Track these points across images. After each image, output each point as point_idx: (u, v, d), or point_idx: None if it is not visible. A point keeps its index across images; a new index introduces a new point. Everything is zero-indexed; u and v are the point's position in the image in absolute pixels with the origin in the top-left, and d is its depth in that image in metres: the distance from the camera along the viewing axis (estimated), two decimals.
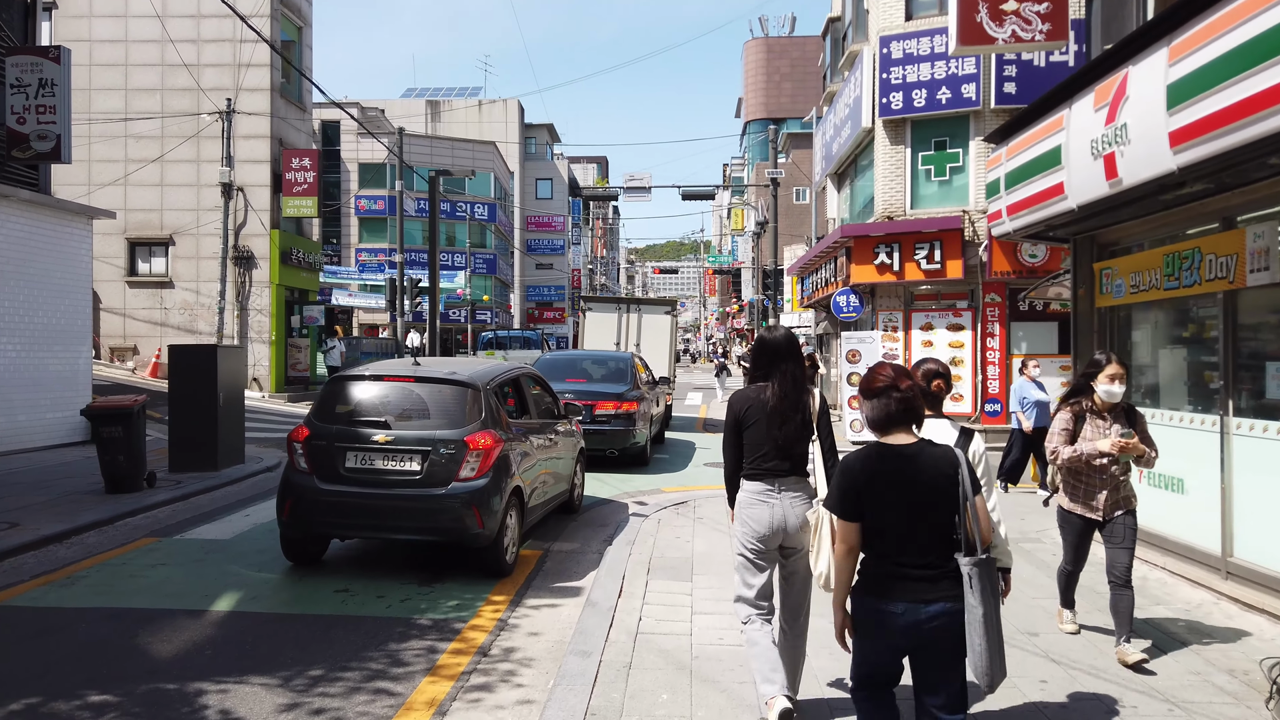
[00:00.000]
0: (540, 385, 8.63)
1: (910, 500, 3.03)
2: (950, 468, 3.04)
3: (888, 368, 3.22)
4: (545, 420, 8.21)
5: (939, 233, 16.12)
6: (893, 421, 3.10)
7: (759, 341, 4.16)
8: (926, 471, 3.03)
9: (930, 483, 3.02)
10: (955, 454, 3.09)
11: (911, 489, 3.02)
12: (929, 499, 3.03)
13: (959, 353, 16.50)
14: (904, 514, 3.03)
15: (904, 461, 3.05)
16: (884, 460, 3.07)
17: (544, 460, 7.77)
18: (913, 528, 3.03)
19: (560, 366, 13.01)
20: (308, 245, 23.56)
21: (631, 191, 30.15)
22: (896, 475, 3.04)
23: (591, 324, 18.06)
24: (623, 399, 11.80)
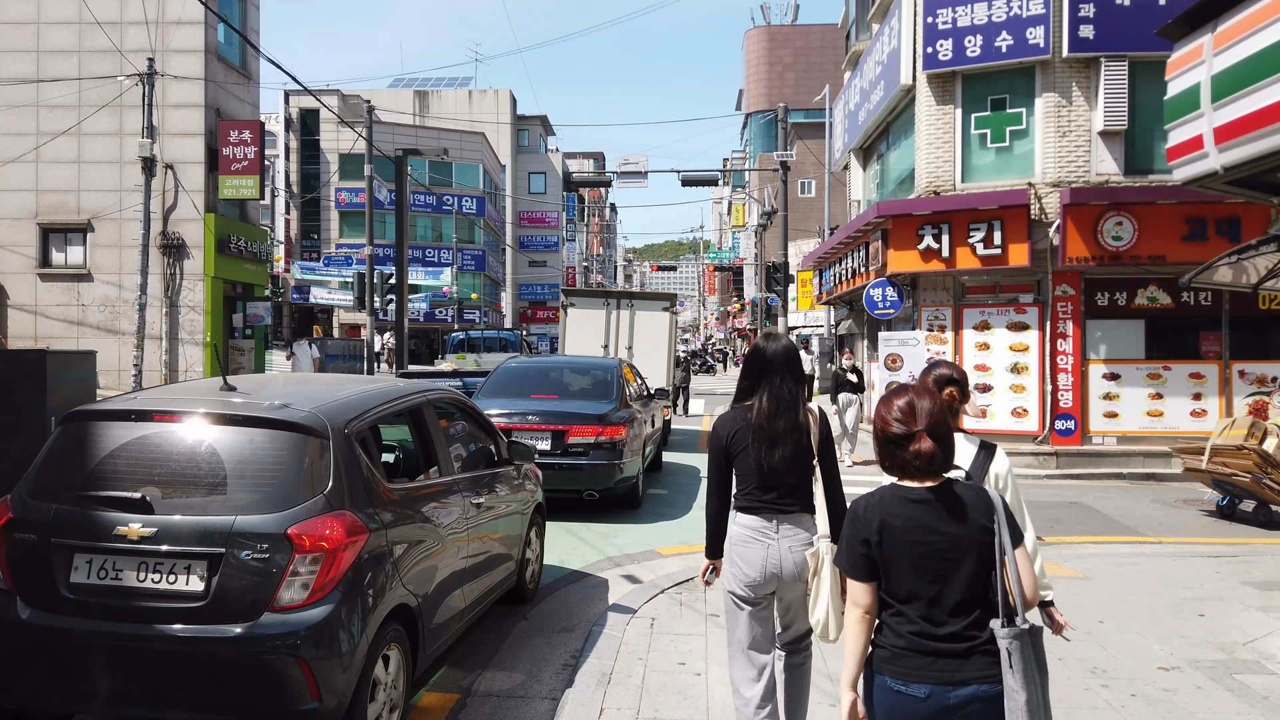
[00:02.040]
0: (468, 417, 5.62)
1: (933, 556, 2.44)
2: (984, 515, 2.47)
3: (908, 402, 2.53)
4: (471, 474, 5.19)
5: (999, 210, 13.10)
6: (910, 475, 2.53)
7: (752, 351, 3.61)
8: (954, 521, 2.46)
9: (959, 534, 2.45)
10: (990, 497, 2.51)
11: (935, 543, 2.44)
12: (957, 555, 2.44)
13: (1022, 357, 13.48)
14: (926, 573, 2.44)
15: (925, 509, 2.47)
16: (899, 506, 2.49)
17: (464, 543, 4.76)
18: (937, 590, 2.44)
19: (524, 379, 9.99)
20: (252, 232, 20.51)
21: (626, 177, 27.16)
22: (915, 526, 2.46)
23: (574, 323, 15.05)
24: (605, 422, 8.79)
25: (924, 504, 2.50)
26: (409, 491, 4.31)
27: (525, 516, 5.93)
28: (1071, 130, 13.16)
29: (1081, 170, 13.15)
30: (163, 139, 18.67)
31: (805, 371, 3.81)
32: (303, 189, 53.50)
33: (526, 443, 5.90)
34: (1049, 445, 13.27)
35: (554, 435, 8.67)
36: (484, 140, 56.78)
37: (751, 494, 3.49)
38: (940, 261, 13.46)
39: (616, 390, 9.54)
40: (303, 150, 54.22)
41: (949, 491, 2.52)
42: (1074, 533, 9.14)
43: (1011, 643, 2.40)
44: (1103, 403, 13.27)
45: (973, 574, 2.47)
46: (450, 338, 23.10)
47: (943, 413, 2.56)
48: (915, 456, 2.50)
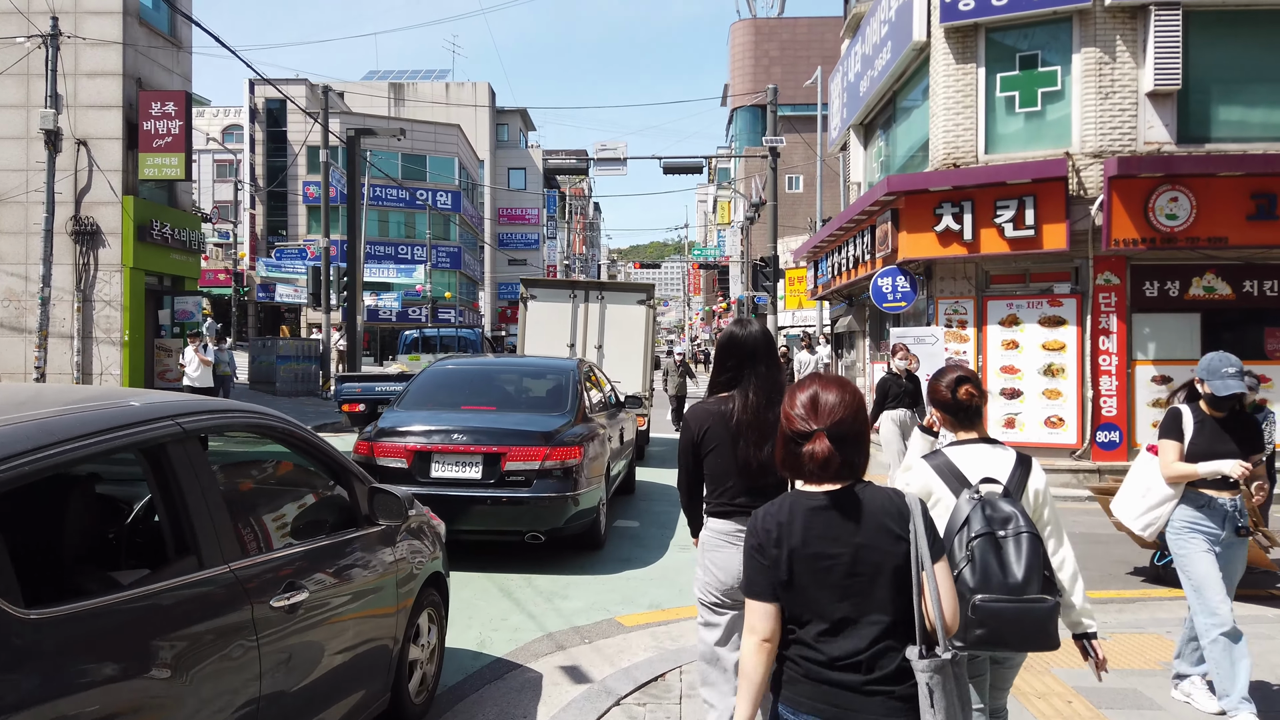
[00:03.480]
0: (300, 453, 3.53)
1: (838, 571, 2.08)
2: (897, 522, 2.10)
3: (811, 398, 2.19)
4: (284, 554, 3.13)
5: (1031, 184, 11.13)
6: (809, 478, 2.17)
7: (726, 338, 3.34)
8: (859, 530, 2.10)
9: (866, 546, 2.08)
10: (904, 501, 2.14)
11: (839, 556, 2.08)
12: (866, 570, 2.08)
13: (1058, 357, 11.52)
14: (830, 592, 2.08)
15: (826, 516, 2.12)
16: (802, 517, 2.12)
17: (249, 682, 2.68)
18: (844, 613, 2.07)
19: (454, 385, 7.89)
20: (181, 219, 18.31)
21: (604, 164, 25.14)
22: (815, 537, 2.10)
23: (535, 319, 12.98)
24: (555, 441, 6.73)
25: (824, 511, 2.12)
26: (99, 614, 2.24)
27: (404, 599, 3.86)
28: (1115, 91, 11.22)
29: (1127, 138, 11.21)
30: (74, 112, 16.47)
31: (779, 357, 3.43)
32: (268, 182, 51.12)
33: (399, 492, 3.79)
34: (1089, 461, 11.32)
35: (486, 460, 6.61)
36: (459, 133, 54.59)
37: (725, 496, 3.22)
38: (961, 245, 11.49)
39: (572, 399, 7.48)
40: (269, 143, 51.86)
41: (852, 496, 2.12)
42: (1154, 580, 7.17)
43: (932, 677, 2.02)
44: (1152, 410, 11.32)
45: (890, 591, 2.07)
46: (403, 336, 20.94)
47: (853, 411, 2.16)
48: (810, 459, 2.13)
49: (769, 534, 2.13)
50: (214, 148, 56.13)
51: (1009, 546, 2.60)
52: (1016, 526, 2.62)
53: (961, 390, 2.99)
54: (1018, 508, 2.69)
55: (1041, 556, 2.63)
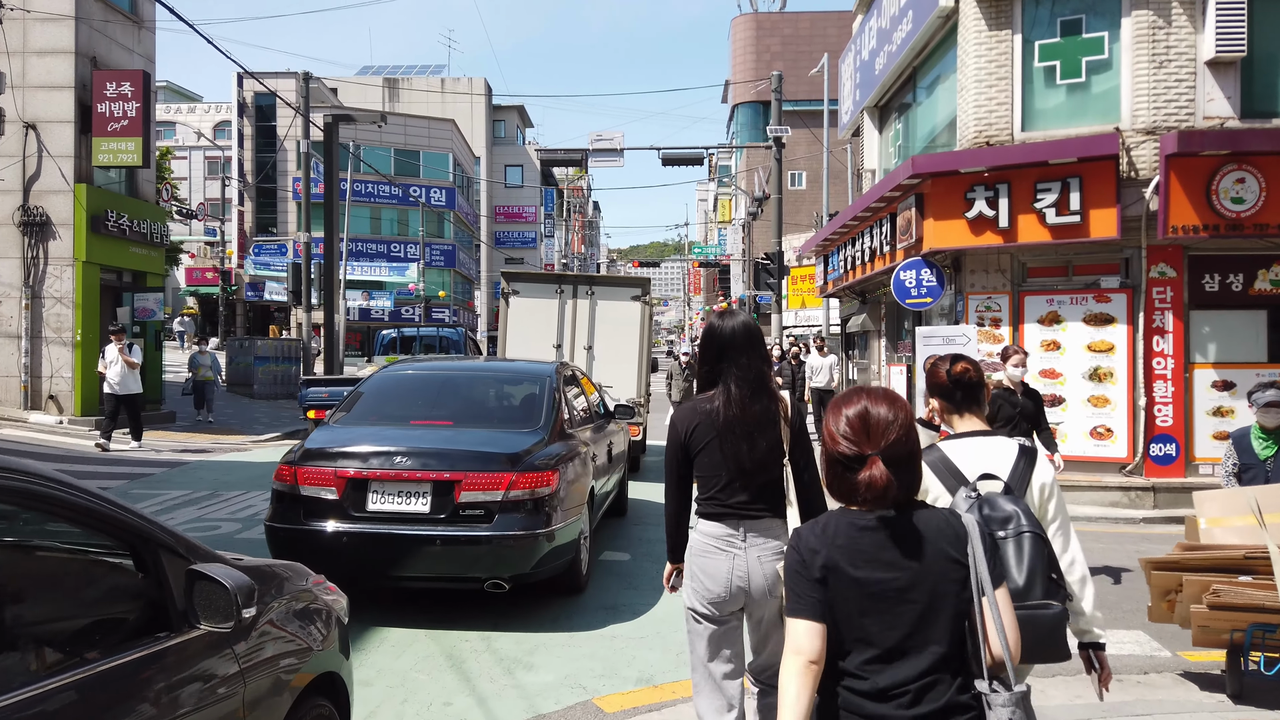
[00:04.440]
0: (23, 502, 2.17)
1: (890, 598, 1.91)
2: (954, 545, 1.94)
3: (861, 415, 1.98)
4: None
5: (1077, 164, 9.83)
6: (860, 501, 1.98)
7: (705, 331, 3.20)
8: (915, 553, 1.92)
9: (922, 570, 1.91)
10: (962, 524, 1.97)
11: (891, 581, 1.91)
12: (921, 596, 1.91)
13: (1106, 360, 10.22)
14: (881, 620, 1.91)
15: (877, 538, 1.93)
16: (850, 538, 1.95)
17: None
18: (897, 640, 1.90)
19: (406, 394, 6.56)
20: (141, 209, 16.98)
21: (600, 155, 23.85)
22: (866, 560, 1.92)
23: (518, 316, 11.66)
24: (523, 465, 5.42)
25: (875, 533, 1.95)
26: None
27: None
28: (1170, 60, 9.92)
29: (1184, 112, 9.91)
30: (22, 93, 15.16)
31: (767, 350, 3.17)
32: (258, 178, 49.81)
33: (218, 576, 2.42)
34: (1142, 477, 10.01)
35: (435, 489, 5.30)
36: (454, 128, 53.30)
37: (715, 497, 3.04)
38: (996, 233, 10.19)
39: (547, 411, 6.16)
40: (259, 138, 50.53)
41: (907, 517, 1.96)
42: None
43: (1014, 712, 1.86)
44: (1212, 420, 10.03)
45: (945, 620, 1.92)
46: (379, 336, 19.56)
47: (906, 429, 1.97)
48: (865, 487, 1.93)
49: (815, 554, 1.96)
50: (205, 144, 54.80)
51: (1008, 549, 2.36)
52: (1017, 526, 2.37)
53: (957, 366, 2.81)
54: (1019, 505, 2.41)
55: (1046, 558, 2.38)
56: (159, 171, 44.08)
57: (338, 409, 6.24)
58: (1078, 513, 9.70)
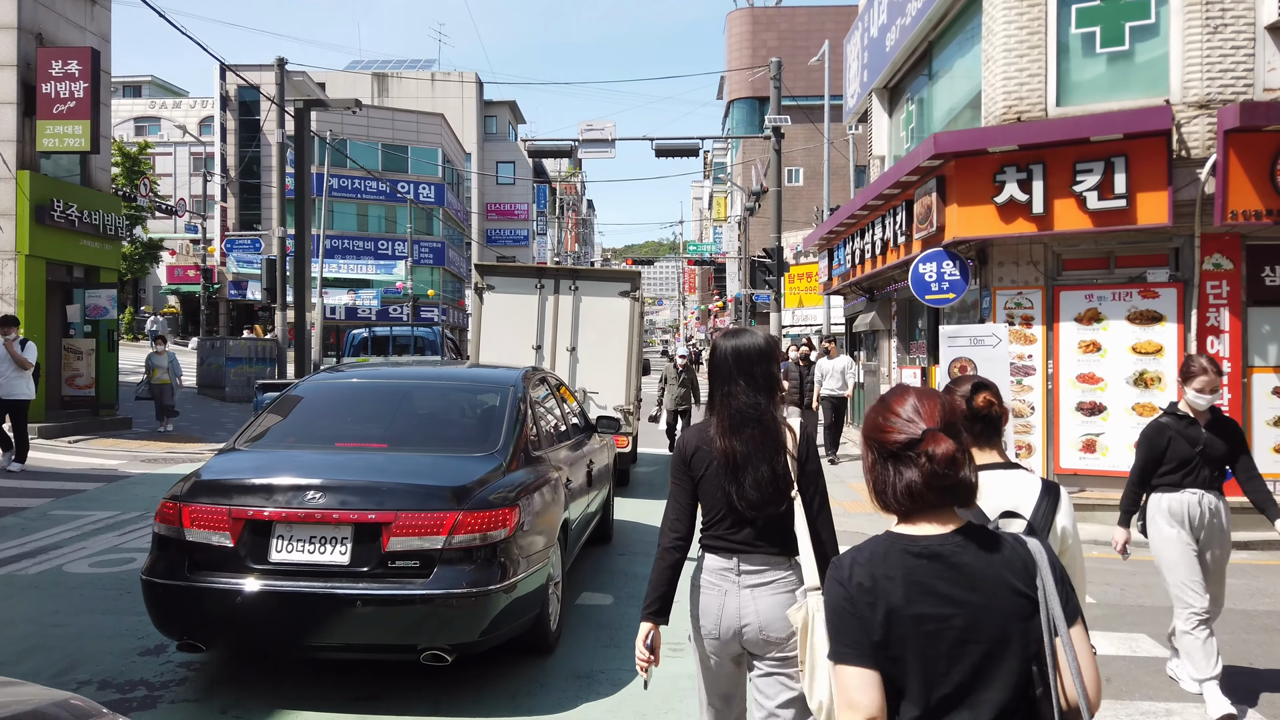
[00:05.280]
0: None
1: (948, 638, 1.66)
2: (1022, 577, 1.70)
3: (910, 400, 1.80)
4: None
5: (1123, 142, 8.69)
6: (919, 503, 1.74)
7: (710, 351, 2.98)
8: (979, 585, 1.68)
9: (985, 606, 1.67)
10: (1031, 550, 1.74)
11: (951, 619, 1.66)
12: (984, 636, 1.66)
13: (1153, 364, 9.08)
14: (937, 663, 1.66)
15: (935, 567, 1.69)
16: (897, 565, 1.71)
17: None
18: (953, 688, 1.65)
19: (335, 408, 5.36)
20: (93, 199, 15.75)
21: (590, 145, 22.69)
22: (921, 594, 1.68)
23: (494, 313, 10.48)
24: (471, 501, 4.25)
25: (934, 560, 1.69)
26: None
27: None
28: (1226, 24, 8.78)
29: (1242, 83, 8.77)
30: None
31: (775, 372, 2.91)
32: (243, 174, 48.56)
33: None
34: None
35: (358, 533, 4.13)
36: (443, 122, 52.05)
37: (716, 530, 2.84)
38: (1028, 220, 9.04)
39: (508, 430, 4.97)
40: (242, 132, 49.27)
41: (969, 541, 1.71)
42: None
43: None
44: (1273, 431, 8.91)
45: (1010, 664, 1.66)
46: (350, 336, 18.31)
47: (956, 415, 1.79)
48: (932, 462, 1.69)
49: (862, 587, 1.71)
50: (190, 140, 53.50)
51: None
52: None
53: (979, 398, 2.62)
54: (1047, 547, 1.95)
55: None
56: (139, 166, 43.08)
57: (247, 427, 5.06)
58: None
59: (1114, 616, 6.12)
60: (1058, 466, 9.36)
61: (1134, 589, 6.85)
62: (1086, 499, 9.11)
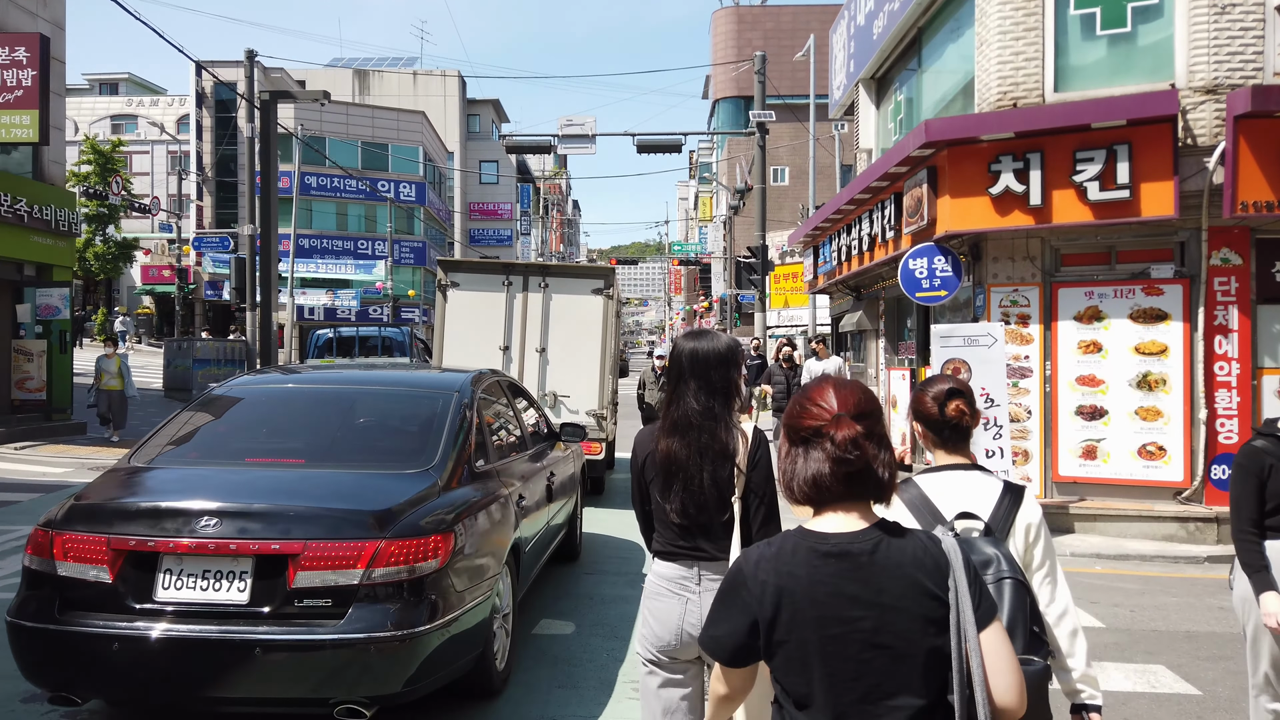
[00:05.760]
0: None
1: (855, 643, 1.60)
2: (933, 578, 1.62)
3: (828, 390, 1.76)
4: None
5: (1126, 129, 8.16)
6: (824, 493, 1.69)
7: (671, 349, 2.89)
8: (887, 587, 1.61)
9: (894, 609, 1.60)
10: (943, 549, 1.67)
11: (858, 622, 1.60)
12: (892, 641, 1.60)
13: (1157, 365, 8.55)
14: (843, 669, 1.61)
15: (843, 567, 1.63)
16: (804, 564, 1.65)
17: None
18: (858, 697, 1.60)
19: (247, 419, 4.70)
20: (44, 193, 15.02)
21: (571, 140, 22.13)
22: (827, 595, 1.62)
23: (458, 311, 9.84)
24: (396, 526, 3.64)
25: (842, 559, 1.62)
26: None
27: None
28: (1235, 4, 8.27)
29: (1251, 66, 8.26)
30: None
31: (734, 378, 2.81)
32: (219, 172, 47.61)
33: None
34: (1202, 505, 8.35)
35: (259, 566, 3.51)
36: (424, 120, 51.34)
37: (666, 535, 2.79)
38: (1025, 213, 8.50)
39: (447, 441, 4.35)
40: (218, 130, 48.31)
41: (880, 540, 1.64)
42: None
43: None
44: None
45: (921, 669, 1.59)
46: (314, 336, 17.58)
47: (875, 410, 1.73)
48: (834, 445, 1.65)
49: (765, 585, 1.66)
50: (167, 139, 52.49)
51: None
52: (997, 571, 2.11)
53: (951, 406, 2.47)
54: (1000, 550, 2.16)
55: (1028, 608, 2.12)
56: (112, 164, 42.14)
57: (148, 439, 4.42)
58: (1127, 549, 8.04)
59: (1126, 644, 5.56)
60: (1056, 474, 8.82)
61: (1144, 611, 6.30)
62: (1087, 509, 8.58)
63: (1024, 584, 2.15)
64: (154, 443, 4.37)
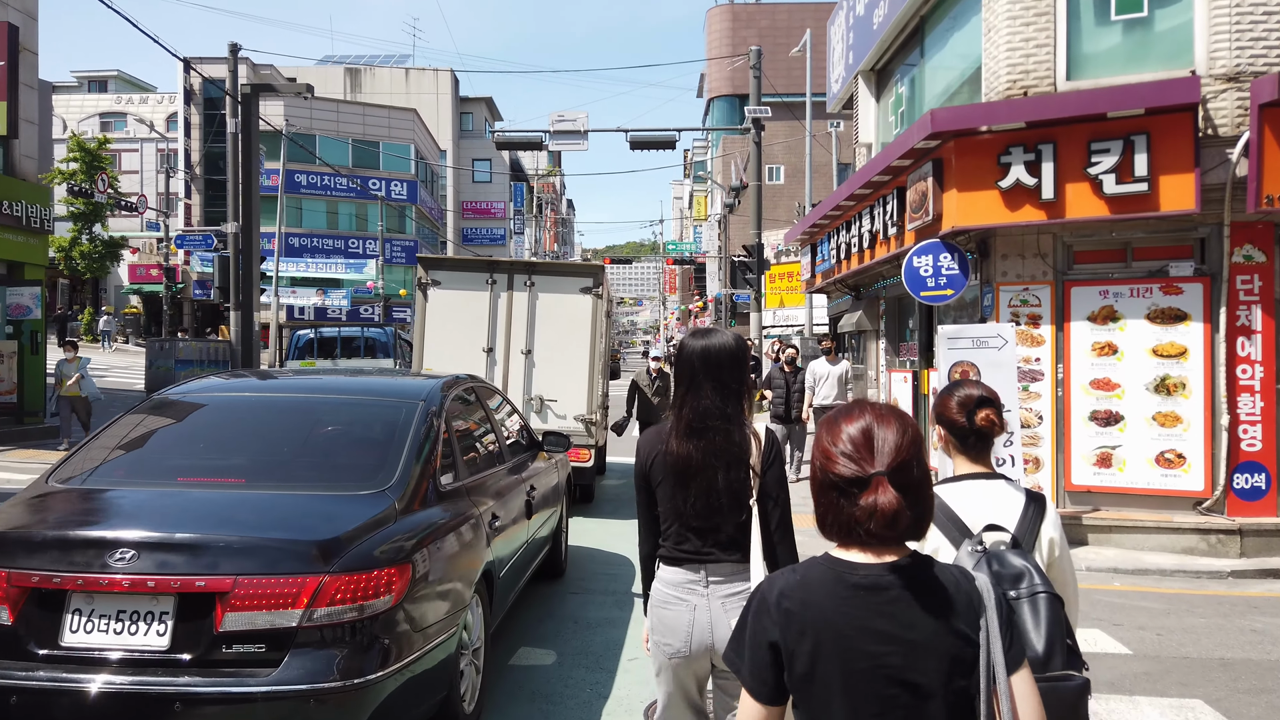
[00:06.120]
0: None
1: (882, 679, 1.52)
2: (965, 617, 1.53)
3: (863, 429, 1.58)
4: None
5: (1144, 118, 7.71)
6: (855, 539, 1.57)
7: (677, 350, 2.79)
8: (919, 623, 1.52)
9: (925, 645, 1.51)
10: (979, 588, 1.56)
11: (886, 657, 1.51)
12: (921, 678, 1.51)
13: (1176, 368, 8.11)
14: (869, 705, 1.52)
15: (873, 601, 1.53)
16: (832, 595, 1.55)
17: None
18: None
19: (184, 431, 4.23)
20: (16, 189, 14.50)
21: (562, 136, 21.65)
22: (856, 629, 1.53)
23: (439, 311, 9.37)
24: (344, 559, 3.18)
25: (873, 593, 1.53)
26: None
27: None
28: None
29: (1275, 53, 7.82)
30: None
31: (745, 376, 2.73)
32: (207, 169, 47.00)
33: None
34: (1223, 516, 7.91)
35: (182, 607, 3.04)
36: (416, 117, 50.80)
37: (674, 540, 2.68)
38: (1037, 207, 8.04)
39: (407, 458, 3.87)
40: (207, 127, 47.71)
41: (913, 574, 1.54)
42: None
43: None
44: None
45: (944, 711, 1.51)
46: (295, 337, 17.04)
47: (917, 450, 1.58)
48: (869, 515, 1.53)
49: (790, 614, 1.56)
50: (157, 137, 51.88)
51: (1024, 610, 2.02)
52: (1031, 585, 2.05)
53: (981, 415, 2.37)
54: (1030, 562, 2.10)
55: (1064, 623, 2.06)
56: (98, 162, 41.51)
57: (71, 454, 3.93)
58: (1145, 563, 7.59)
59: (1157, 674, 5.10)
60: (1069, 482, 8.37)
61: (1172, 634, 5.85)
62: (1101, 519, 8.14)
63: (1058, 598, 2.09)
64: (79, 458, 3.89)
